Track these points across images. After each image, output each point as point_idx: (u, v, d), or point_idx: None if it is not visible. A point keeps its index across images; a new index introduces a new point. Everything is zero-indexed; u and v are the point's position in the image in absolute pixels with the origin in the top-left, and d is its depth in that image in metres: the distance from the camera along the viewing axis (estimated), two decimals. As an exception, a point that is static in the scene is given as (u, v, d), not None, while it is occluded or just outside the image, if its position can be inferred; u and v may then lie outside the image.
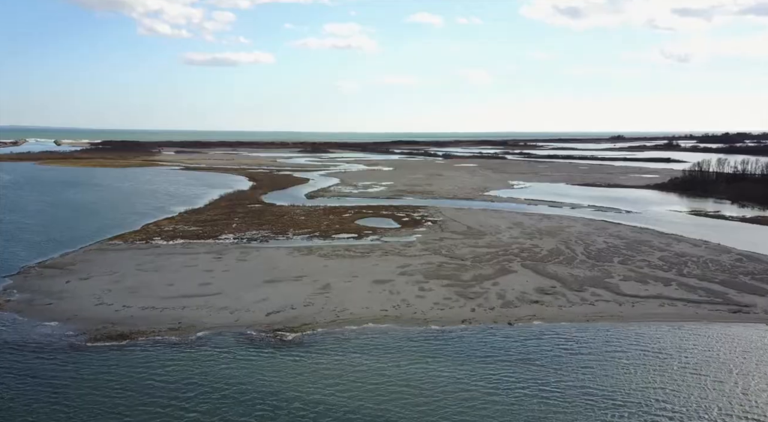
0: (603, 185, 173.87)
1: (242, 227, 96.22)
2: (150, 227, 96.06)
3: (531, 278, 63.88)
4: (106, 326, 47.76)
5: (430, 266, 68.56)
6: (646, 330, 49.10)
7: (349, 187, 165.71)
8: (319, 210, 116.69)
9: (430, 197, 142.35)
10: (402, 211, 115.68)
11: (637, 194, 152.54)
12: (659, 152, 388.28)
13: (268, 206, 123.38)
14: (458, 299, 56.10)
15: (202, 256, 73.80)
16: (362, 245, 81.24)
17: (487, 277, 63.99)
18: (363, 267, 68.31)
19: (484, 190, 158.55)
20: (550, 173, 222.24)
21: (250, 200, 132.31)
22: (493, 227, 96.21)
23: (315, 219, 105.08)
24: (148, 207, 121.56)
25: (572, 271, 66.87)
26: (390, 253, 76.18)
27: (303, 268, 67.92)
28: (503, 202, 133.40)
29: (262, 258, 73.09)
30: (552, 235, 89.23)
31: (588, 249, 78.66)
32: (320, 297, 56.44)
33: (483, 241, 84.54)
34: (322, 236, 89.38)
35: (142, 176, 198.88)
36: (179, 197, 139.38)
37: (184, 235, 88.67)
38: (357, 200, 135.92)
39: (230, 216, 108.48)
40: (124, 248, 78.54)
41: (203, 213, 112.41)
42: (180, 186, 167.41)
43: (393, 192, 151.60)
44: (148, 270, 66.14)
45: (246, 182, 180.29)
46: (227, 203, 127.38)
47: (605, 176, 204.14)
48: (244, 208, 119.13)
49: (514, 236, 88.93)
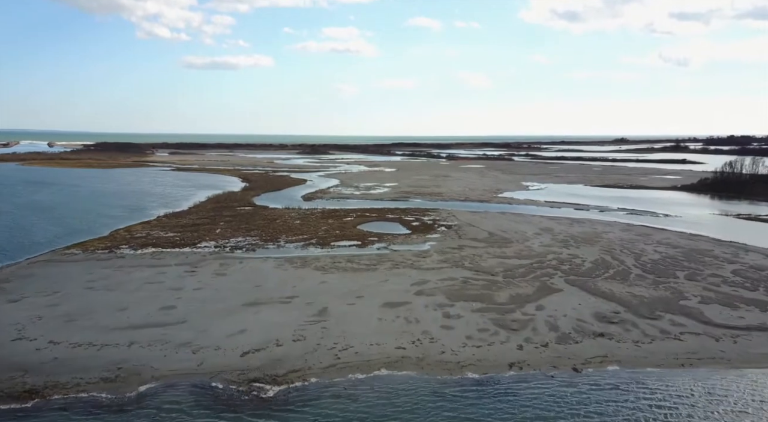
0: (625, 187, 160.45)
1: (227, 233, 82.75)
2: (119, 233, 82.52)
3: (583, 299, 50.37)
4: (13, 376, 34.15)
5: (453, 283, 55.06)
6: (766, 379, 35.63)
7: (350, 188, 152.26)
8: (316, 213, 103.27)
9: (440, 199, 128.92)
10: (410, 214, 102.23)
11: (665, 196, 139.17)
12: (668, 153, 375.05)
13: (259, 209, 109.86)
14: (497, 330, 42.58)
15: (172, 269, 60.25)
16: (367, 255, 67.74)
17: (527, 298, 50.49)
18: (369, 284, 54.81)
19: (498, 191, 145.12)
20: (564, 174, 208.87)
21: (240, 202, 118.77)
22: (518, 234, 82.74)
23: (312, 224, 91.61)
24: (124, 209, 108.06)
25: (632, 290, 53.38)
26: (401, 265, 62.68)
27: (295, 285, 54.43)
28: (521, 204, 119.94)
29: (246, 272, 59.58)
30: (590, 243, 75.77)
31: (640, 261, 65.13)
32: (315, 328, 42.95)
33: (511, 250, 71.03)
34: (320, 243, 75.94)
35: (127, 177, 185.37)
36: (162, 199, 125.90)
37: (157, 242, 75.16)
38: (359, 202, 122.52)
39: (215, 220, 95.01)
40: (79, 260, 64.95)
41: (185, 217, 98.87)
42: (166, 187, 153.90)
43: (398, 194, 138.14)
44: (98, 289, 52.60)
45: (238, 183, 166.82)
46: (213, 205, 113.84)
47: (624, 177, 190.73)
48: (232, 211, 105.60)
49: (546, 243, 75.44)
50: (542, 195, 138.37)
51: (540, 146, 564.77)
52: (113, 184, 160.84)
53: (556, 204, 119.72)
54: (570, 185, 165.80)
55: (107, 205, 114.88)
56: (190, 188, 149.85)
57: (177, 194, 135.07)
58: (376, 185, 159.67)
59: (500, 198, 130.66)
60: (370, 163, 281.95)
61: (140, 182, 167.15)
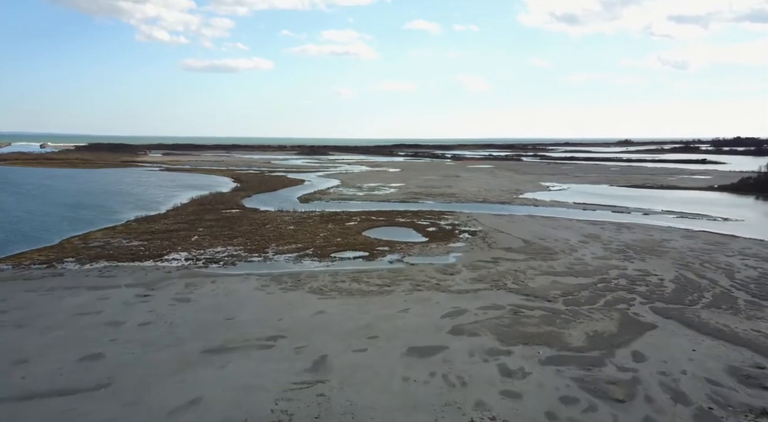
0: (655, 187, 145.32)
1: (204, 242, 67.71)
2: (72, 242, 67.42)
3: (695, 342, 35.20)
4: None
5: (500, 314, 39.98)
6: None
7: (353, 189, 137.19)
8: (314, 217, 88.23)
9: (454, 200, 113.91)
10: (424, 218, 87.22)
11: (706, 197, 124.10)
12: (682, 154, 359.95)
13: (247, 211, 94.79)
14: (592, 402, 27.38)
15: (120, 293, 45.19)
16: (377, 272, 52.65)
17: (612, 339, 35.37)
18: (384, 316, 39.75)
19: (517, 192, 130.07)
20: (581, 174, 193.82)
21: (227, 204, 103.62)
22: (560, 242, 67.69)
23: (308, 229, 76.58)
24: (92, 213, 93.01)
25: (757, 326, 38.22)
26: (424, 286, 47.61)
27: (281, 317, 39.37)
28: (549, 206, 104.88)
29: (218, 296, 44.52)
30: (655, 254, 60.69)
31: (737, 280, 50.01)
32: (308, 394, 27.86)
33: (560, 264, 55.95)
34: (317, 255, 60.92)
35: (109, 177, 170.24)
36: (140, 200, 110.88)
37: (114, 254, 60.10)
38: (363, 204, 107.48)
39: (193, 225, 79.97)
40: (3, 278, 49.84)
41: (159, 221, 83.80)
42: (149, 187, 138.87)
43: (407, 195, 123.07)
44: (4, 325, 37.49)
45: (229, 183, 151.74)
46: (195, 208, 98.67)
47: (648, 177, 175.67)
48: (216, 214, 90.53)
49: (600, 255, 60.35)
50: (567, 196, 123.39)
51: (545, 147, 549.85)
52: (90, 184, 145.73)
53: (588, 206, 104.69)
54: (594, 186, 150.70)
55: (73, 206, 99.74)
56: (175, 189, 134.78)
57: (158, 195, 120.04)
58: (381, 186, 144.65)
59: (522, 199, 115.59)
60: (373, 163, 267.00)
61: (121, 183, 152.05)
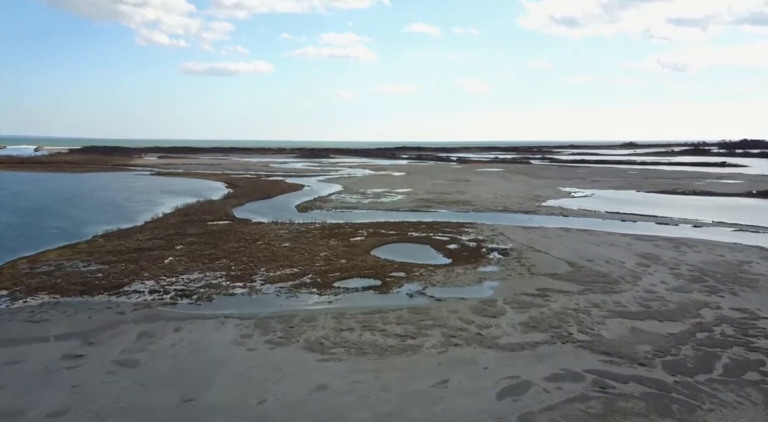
0: (688, 193, 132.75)
1: (180, 265, 55.33)
2: (17, 266, 54.96)
3: None
4: None
5: (581, 392, 27.46)
6: None
7: (356, 195, 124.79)
8: (313, 230, 75.82)
9: (470, 208, 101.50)
10: (441, 231, 74.83)
11: (751, 204, 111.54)
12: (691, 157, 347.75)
13: (238, 223, 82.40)
14: None
15: (44, 351, 32.72)
16: (396, 312, 40.15)
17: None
18: (414, 395, 27.26)
19: (538, 199, 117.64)
20: (599, 178, 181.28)
21: (215, 214, 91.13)
22: (613, 264, 55.21)
23: (306, 247, 64.14)
24: (59, 225, 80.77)
25: None
26: (461, 336, 35.13)
27: (264, 397, 26.91)
28: (580, 216, 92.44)
29: (177, 358, 32.05)
30: (742, 283, 48.12)
31: None
32: None
33: (627, 298, 43.42)
34: (317, 283, 48.54)
35: (95, 182, 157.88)
36: (119, 209, 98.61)
37: (61, 284, 47.66)
38: (368, 214, 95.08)
39: (172, 242, 67.64)
40: None
41: (132, 236, 71.41)
42: (133, 193, 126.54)
43: (417, 202, 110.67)
44: None
45: (222, 188, 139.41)
46: (179, 219, 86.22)
47: (673, 181, 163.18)
48: (201, 227, 78.15)
49: (673, 284, 47.84)
50: (595, 203, 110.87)
51: (550, 149, 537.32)
52: (70, 189, 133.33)
53: (625, 216, 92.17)
54: (619, 192, 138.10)
55: (41, 217, 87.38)
56: (161, 195, 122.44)
57: (140, 203, 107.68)
58: (387, 192, 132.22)
59: (547, 208, 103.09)
60: (376, 166, 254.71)
61: (105, 188, 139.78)
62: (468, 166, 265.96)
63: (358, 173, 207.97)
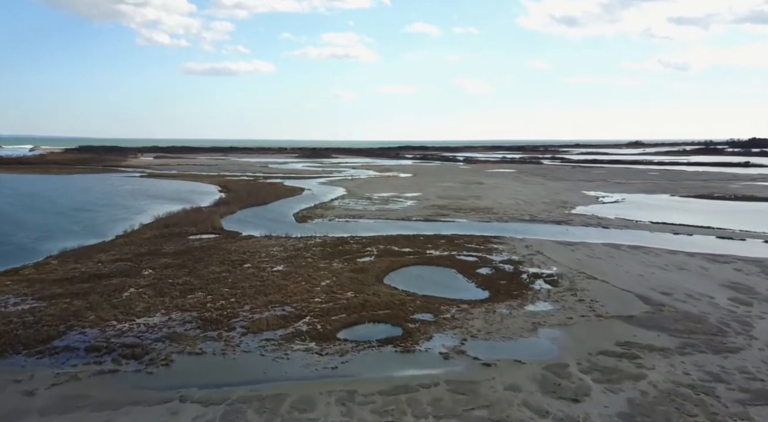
0: (728, 198, 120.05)
1: (141, 301, 42.87)
2: (-70, 302, 42.59)
3: None
4: None
5: None
6: None
7: (362, 201, 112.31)
8: (313, 247, 63.36)
9: (494, 217, 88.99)
10: (465, 248, 62.39)
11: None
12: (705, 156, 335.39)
13: (224, 238, 69.96)
14: None
15: None
16: (428, 386, 27.71)
17: None
18: None
19: (564, 205, 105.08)
20: (622, 180, 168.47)
21: (200, 225, 78.66)
22: (699, 300, 42.65)
23: (304, 272, 51.70)
24: (14, 239, 68.63)
25: None
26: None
27: None
28: (621, 228, 79.88)
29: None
30: None
31: None
32: None
33: (754, 364, 30.92)
34: (316, 333, 36.11)
35: (78, 184, 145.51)
36: (92, 218, 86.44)
37: (-28, 334, 35.31)
38: (377, 224, 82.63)
39: (140, 264, 55.34)
40: None
41: (94, 256, 59.02)
42: (114, 198, 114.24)
43: (430, 210, 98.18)
44: None
45: (214, 192, 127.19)
46: (156, 232, 73.77)
47: (705, 184, 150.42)
48: (180, 243, 65.78)
49: (799, 336, 35.33)
50: (631, 210, 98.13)
51: (557, 149, 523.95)
52: (45, 194, 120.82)
53: (676, 228, 79.57)
54: (651, 196, 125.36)
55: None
56: (144, 201, 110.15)
57: (119, 210, 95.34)
58: (395, 197, 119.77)
59: (580, 217, 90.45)
60: (380, 167, 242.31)
61: (87, 192, 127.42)
62: (477, 166, 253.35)
63: (362, 174, 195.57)
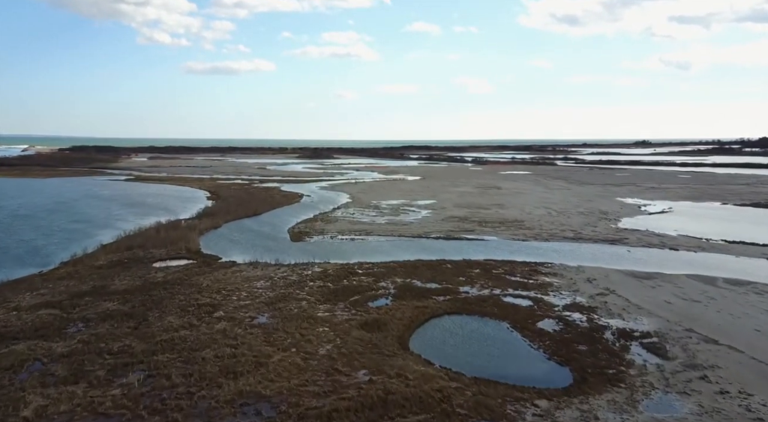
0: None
1: (33, 397, 27.44)
2: None
3: None
4: None
5: None
6: None
7: (369, 210, 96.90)
8: (310, 281, 48.03)
9: (529, 234, 73.62)
10: (510, 283, 47.06)
11: None
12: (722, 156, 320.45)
13: (198, 266, 54.66)
14: None
15: None
16: None
17: None
18: None
19: (606, 216, 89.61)
20: (655, 185, 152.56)
21: (173, 246, 63.20)
22: None
23: (295, 329, 36.29)
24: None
25: None
26: None
27: None
28: (694, 249, 64.50)
29: None
30: None
31: None
32: None
33: None
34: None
35: (52, 190, 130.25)
36: (46, 236, 71.45)
37: None
38: (389, 243, 67.34)
39: (71, 315, 40.13)
40: None
41: (12, 300, 43.78)
42: (85, 208, 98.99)
43: (450, 223, 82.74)
44: None
45: (202, 200, 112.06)
46: (112, 258, 58.36)
47: (750, 189, 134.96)
48: (139, 275, 50.43)
49: None
50: (689, 224, 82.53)
51: (566, 149, 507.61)
52: (9, 202, 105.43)
53: (763, 250, 64.12)
54: (700, 204, 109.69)
55: None
56: (118, 211, 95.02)
57: (82, 224, 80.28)
58: (407, 205, 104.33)
59: (634, 234, 74.82)
60: (385, 168, 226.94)
61: (58, 198, 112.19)
62: (488, 168, 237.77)
63: (367, 177, 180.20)
